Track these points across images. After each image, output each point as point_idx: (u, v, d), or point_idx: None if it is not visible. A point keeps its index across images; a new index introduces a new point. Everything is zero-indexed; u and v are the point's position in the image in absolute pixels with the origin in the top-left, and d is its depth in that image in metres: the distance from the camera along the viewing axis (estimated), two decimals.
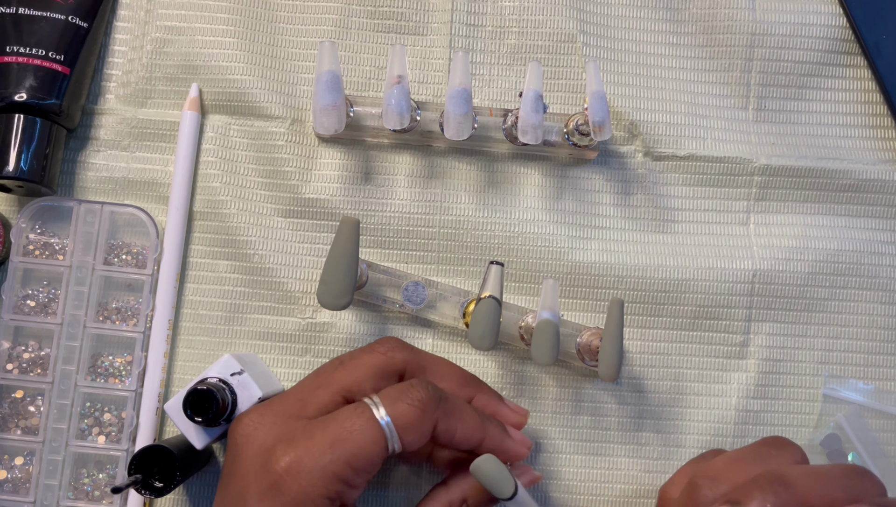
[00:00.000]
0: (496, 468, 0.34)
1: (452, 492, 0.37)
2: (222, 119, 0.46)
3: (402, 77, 0.41)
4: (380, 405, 0.34)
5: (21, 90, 0.42)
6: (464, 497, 0.37)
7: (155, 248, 0.44)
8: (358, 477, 0.33)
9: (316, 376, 0.38)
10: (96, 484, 0.43)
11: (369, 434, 0.33)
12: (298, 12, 0.47)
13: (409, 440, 0.34)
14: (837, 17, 0.48)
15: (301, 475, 0.32)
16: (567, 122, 0.44)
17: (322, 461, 0.33)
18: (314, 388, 0.37)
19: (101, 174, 0.46)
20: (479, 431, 0.36)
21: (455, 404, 0.36)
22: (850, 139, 0.47)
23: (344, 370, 0.37)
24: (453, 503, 0.37)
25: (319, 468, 0.33)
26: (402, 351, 0.38)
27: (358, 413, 0.34)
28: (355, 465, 0.33)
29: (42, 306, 0.44)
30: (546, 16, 0.47)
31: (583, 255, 0.45)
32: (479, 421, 0.37)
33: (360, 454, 0.33)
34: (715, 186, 0.47)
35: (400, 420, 0.34)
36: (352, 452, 0.33)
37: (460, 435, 0.36)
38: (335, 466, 0.33)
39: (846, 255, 0.46)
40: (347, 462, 0.33)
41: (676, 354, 0.45)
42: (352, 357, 0.38)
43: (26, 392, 0.43)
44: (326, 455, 0.33)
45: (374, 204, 0.46)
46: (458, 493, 0.37)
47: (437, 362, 0.40)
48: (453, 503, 0.37)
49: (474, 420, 0.36)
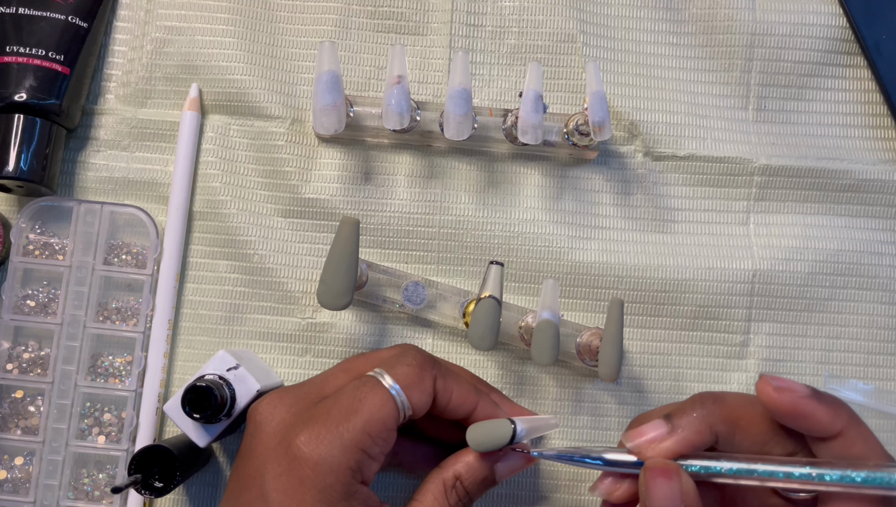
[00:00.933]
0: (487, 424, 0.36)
1: (445, 471, 0.38)
2: (222, 119, 0.46)
3: (402, 77, 0.41)
4: (384, 373, 0.36)
5: (21, 90, 0.42)
6: (457, 475, 0.37)
7: (155, 248, 0.44)
8: (375, 445, 0.34)
9: (338, 365, 0.40)
10: (96, 484, 0.43)
11: (378, 398, 0.35)
12: (298, 12, 0.47)
13: (416, 399, 0.36)
14: (837, 17, 0.48)
15: (320, 448, 0.33)
16: (567, 122, 0.44)
17: (339, 431, 0.34)
18: (335, 372, 0.38)
19: (101, 174, 0.46)
20: (473, 395, 0.38)
21: (448, 365, 0.38)
22: (850, 139, 0.47)
23: (364, 359, 0.39)
24: (447, 481, 0.37)
25: (338, 438, 0.34)
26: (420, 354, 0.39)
27: (364, 382, 0.36)
28: (372, 431, 0.34)
29: (42, 306, 0.44)
30: (546, 16, 0.47)
31: (583, 255, 0.45)
32: (473, 388, 0.38)
33: (375, 419, 0.34)
34: (715, 186, 0.47)
35: (403, 380, 0.36)
36: (366, 418, 0.34)
37: (457, 396, 0.37)
38: (352, 434, 0.34)
39: (846, 255, 0.46)
40: (364, 429, 0.34)
41: (676, 354, 0.45)
42: (373, 351, 0.40)
43: (26, 392, 0.43)
44: (343, 425, 0.34)
45: (374, 204, 0.46)
46: (451, 472, 0.37)
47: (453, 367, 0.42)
48: (447, 480, 0.37)
49: (468, 385, 0.38)
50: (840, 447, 0.32)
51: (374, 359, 0.39)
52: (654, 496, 0.32)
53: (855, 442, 0.32)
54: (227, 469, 0.44)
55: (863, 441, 0.32)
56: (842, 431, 0.32)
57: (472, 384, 0.39)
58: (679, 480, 0.32)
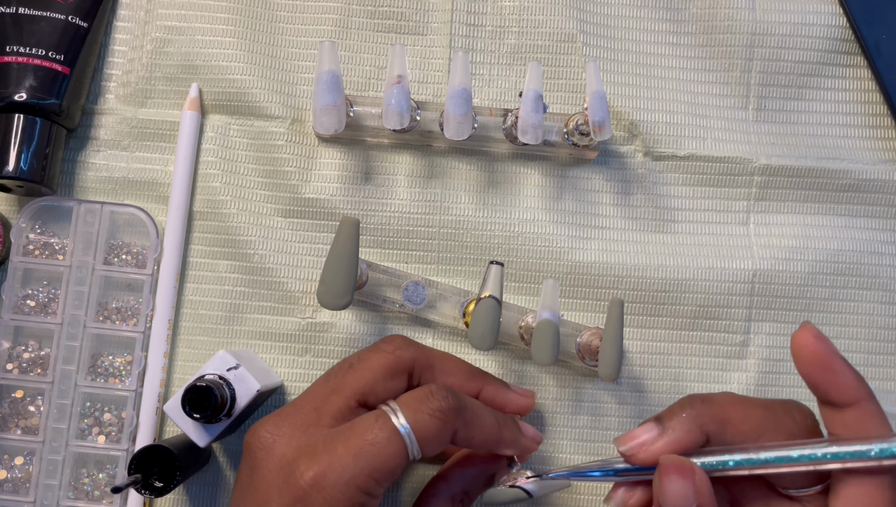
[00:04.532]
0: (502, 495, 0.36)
1: (453, 486, 0.37)
2: (222, 119, 0.46)
3: (402, 77, 0.41)
4: (399, 414, 0.34)
5: (21, 90, 0.42)
6: (465, 489, 0.37)
7: (155, 248, 0.44)
8: (380, 487, 0.34)
9: (327, 381, 0.37)
10: (96, 484, 0.43)
11: (392, 447, 0.33)
12: (298, 12, 0.47)
13: (429, 450, 0.34)
14: (837, 17, 0.48)
15: (326, 490, 0.33)
16: (567, 122, 0.44)
17: (346, 474, 0.33)
18: (327, 394, 0.36)
19: (101, 174, 0.46)
20: (495, 436, 0.36)
21: (473, 411, 0.36)
22: (850, 139, 0.47)
23: (354, 374, 0.37)
24: (455, 497, 0.37)
25: (344, 481, 0.33)
26: (409, 349, 0.38)
27: (379, 425, 0.34)
28: (378, 477, 0.33)
29: (42, 305, 0.44)
30: (546, 16, 0.47)
31: (583, 255, 0.45)
32: (496, 425, 0.37)
33: (384, 466, 0.33)
34: (715, 186, 0.47)
35: (421, 432, 0.34)
36: (375, 465, 0.33)
37: (478, 440, 0.36)
38: (359, 480, 0.33)
39: (846, 255, 0.46)
40: (371, 475, 0.33)
41: (676, 354, 0.45)
42: (360, 359, 0.38)
43: (26, 392, 0.43)
44: (350, 469, 0.33)
45: (374, 204, 0.46)
46: (459, 486, 0.37)
47: (444, 357, 0.40)
48: (455, 496, 0.37)
49: (492, 426, 0.36)
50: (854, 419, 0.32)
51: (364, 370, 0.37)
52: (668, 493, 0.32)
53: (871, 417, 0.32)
54: (227, 469, 0.44)
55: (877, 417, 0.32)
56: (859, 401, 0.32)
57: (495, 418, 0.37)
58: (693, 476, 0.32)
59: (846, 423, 0.32)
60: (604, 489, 0.44)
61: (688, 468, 0.32)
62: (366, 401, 0.36)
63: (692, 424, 0.33)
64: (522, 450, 0.38)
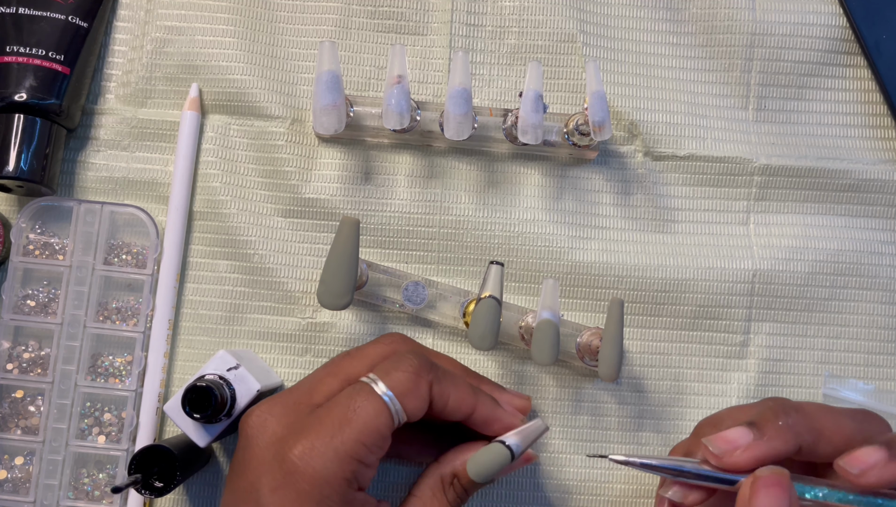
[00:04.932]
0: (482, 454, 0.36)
1: (443, 467, 0.38)
2: (222, 119, 0.46)
3: (402, 77, 0.41)
4: (377, 380, 0.35)
5: (21, 90, 0.42)
6: (454, 473, 0.38)
7: (155, 248, 0.44)
8: (371, 454, 0.34)
9: (324, 367, 0.38)
10: (96, 484, 0.43)
11: (372, 407, 0.34)
12: (298, 12, 0.47)
13: (411, 407, 0.35)
14: (837, 17, 0.48)
15: (315, 460, 0.33)
16: (567, 122, 0.44)
17: (334, 443, 0.33)
18: (322, 377, 0.37)
19: (101, 174, 0.46)
20: (470, 397, 0.37)
21: (446, 371, 0.37)
22: (850, 139, 0.47)
23: (351, 360, 0.38)
24: (444, 478, 0.37)
25: (332, 450, 0.33)
26: (406, 344, 0.39)
27: (357, 390, 0.35)
28: (366, 441, 0.34)
29: (42, 305, 0.44)
30: (546, 16, 0.47)
31: (583, 255, 0.45)
32: (471, 389, 0.37)
33: (369, 428, 0.34)
34: (715, 186, 0.47)
35: (398, 388, 0.35)
36: (360, 429, 0.33)
37: (454, 400, 0.36)
38: (347, 445, 0.33)
39: (846, 255, 0.46)
40: (358, 440, 0.33)
41: (676, 354, 0.45)
42: (358, 349, 0.39)
43: (26, 392, 0.43)
44: (337, 437, 0.33)
45: (374, 204, 0.46)
46: (449, 468, 0.38)
47: (440, 357, 0.41)
48: (444, 477, 0.37)
49: (466, 386, 0.37)
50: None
51: (362, 359, 0.38)
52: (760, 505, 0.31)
53: None
54: (227, 469, 0.44)
55: None
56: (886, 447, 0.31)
57: (470, 385, 0.38)
58: (789, 492, 0.31)
59: None
60: (604, 489, 0.44)
61: (787, 484, 0.32)
62: None
63: (789, 433, 0.33)
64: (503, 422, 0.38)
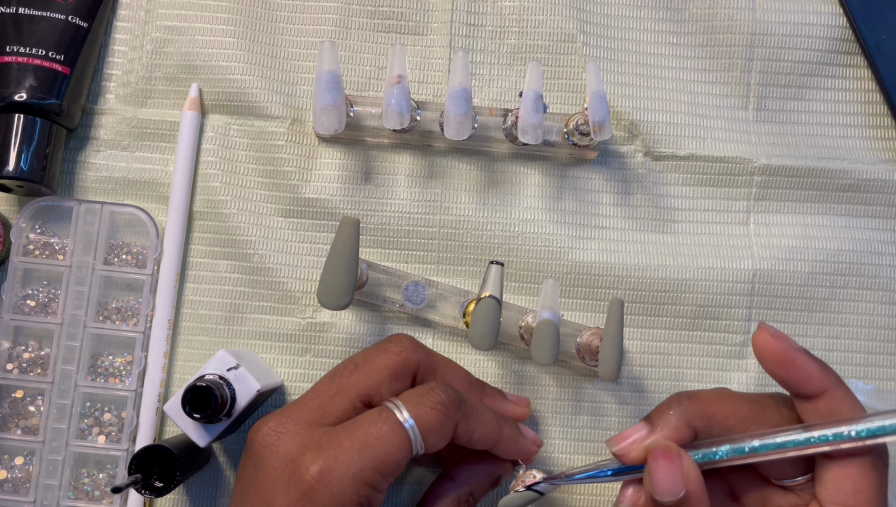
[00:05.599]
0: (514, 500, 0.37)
1: (460, 486, 0.38)
2: (222, 119, 0.46)
3: (402, 77, 0.41)
4: (403, 409, 0.34)
5: (21, 90, 0.42)
6: (470, 491, 0.38)
7: (155, 248, 0.44)
8: (385, 481, 0.34)
9: (332, 381, 0.37)
10: (96, 484, 0.43)
11: (396, 440, 0.34)
12: (298, 12, 0.47)
13: (433, 443, 0.35)
14: (837, 17, 0.48)
15: (332, 484, 0.33)
16: (567, 122, 0.44)
17: (352, 468, 0.33)
18: (332, 394, 0.36)
19: (101, 174, 0.46)
20: (495, 432, 0.37)
21: (473, 406, 0.36)
22: (850, 139, 0.47)
23: (360, 375, 0.37)
24: (461, 498, 0.37)
25: (350, 475, 0.33)
26: (415, 352, 0.38)
27: (383, 418, 0.34)
28: (383, 470, 0.33)
29: (42, 305, 0.44)
30: (546, 16, 0.47)
31: (583, 255, 0.45)
32: (496, 422, 0.37)
33: (389, 459, 0.33)
34: (715, 186, 0.47)
35: (423, 424, 0.34)
36: (380, 458, 0.33)
37: (478, 436, 0.36)
38: (365, 473, 0.33)
39: (846, 255, 0.46)
40: (376, 468, 0.33)
41: (676, 354, 0.45)
42: (366, 360, 0.37)
43: (26, 392, 0.43)
44: (356, 462, 0.33)
45: (374, 204, 0.46)
46: (465, 487, 0.38)
47: (448, 364, 0.40)
48: (461, 497, 0.37)
49: (491, 422, 0.37)
50: (826, 407, 0.33)
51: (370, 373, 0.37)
52: (657, 479, 0.32)
53: (841, 401, 0.33)
54: (227, 469, 0.44)
55: (848, 401, 0.33)
56: (828, 389, 0.33)
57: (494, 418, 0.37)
58: (680, 461, 0.33)
59: (819, 412, 0.33)
60: (604, 489, 0.44)
61: (674, 453, 0.33)
62: (370, 402, 0.36)
63: (679, 420, 0.34)
64: (524, 452, 0.38)
